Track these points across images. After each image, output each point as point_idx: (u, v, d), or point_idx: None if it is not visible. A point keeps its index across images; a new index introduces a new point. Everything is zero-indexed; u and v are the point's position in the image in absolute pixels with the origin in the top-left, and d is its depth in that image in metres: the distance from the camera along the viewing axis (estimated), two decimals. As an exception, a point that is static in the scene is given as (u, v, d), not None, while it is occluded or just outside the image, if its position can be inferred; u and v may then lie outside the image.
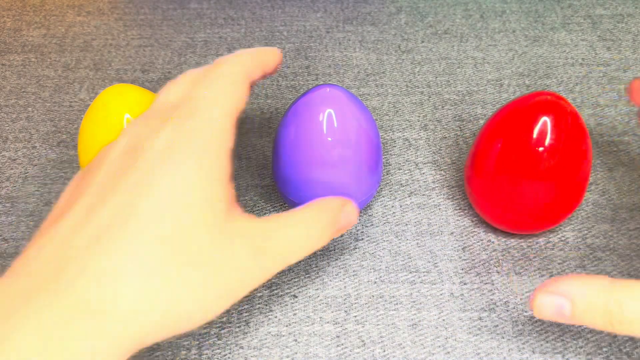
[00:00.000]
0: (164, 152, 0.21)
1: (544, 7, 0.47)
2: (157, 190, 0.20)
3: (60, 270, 0.19)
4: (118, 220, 0.20)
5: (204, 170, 0.21)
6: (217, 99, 0.23)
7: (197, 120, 0.22)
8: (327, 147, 0.28)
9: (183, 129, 0.22)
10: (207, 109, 0.22)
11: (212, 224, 0.21)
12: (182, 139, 0.21)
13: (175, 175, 0.20)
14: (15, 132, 0.39)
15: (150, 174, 0.20)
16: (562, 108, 0.28)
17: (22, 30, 0.46)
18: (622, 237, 0.32)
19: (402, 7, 0.48)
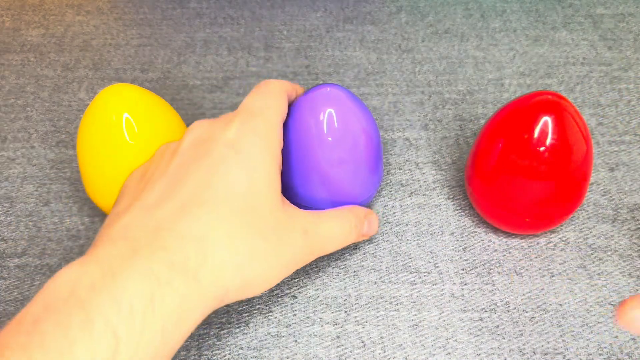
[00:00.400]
0: (234, 142, 0.24)
1: (545, 7, 0.47)
2: (229, 172, 0.23)
3: (154, 236, 0.21)
4: (198, 195, 0.23)
5: (266, 160, 0.24)
6: (271, 105, 0.27)
7: (258, 120, 0.25)
8: (328, 146, 0.28)
9: (248, 126, 0.25)
10: (265, 112, 0.26)
11: (274, 206, 0.24)
12: (248, 133, 0.25)
13: (244, 161, 0.24)
14: (14, 131, 0.39)
15: (223, 159, 0.24)
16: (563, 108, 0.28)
17: (21, 29, 0.46)
18: (623, 237, 0.32)
19: (402, 6, 0.48)
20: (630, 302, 0.22)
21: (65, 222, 0.34)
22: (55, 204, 0.35)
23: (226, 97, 0.41)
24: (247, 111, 0.26)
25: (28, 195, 0.35)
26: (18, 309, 0.30)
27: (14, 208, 0.34)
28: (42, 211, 0.34)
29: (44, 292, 0.20)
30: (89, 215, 0.34)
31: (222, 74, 0.42)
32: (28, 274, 0.31)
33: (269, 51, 0.44)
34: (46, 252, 0.32)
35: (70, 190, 0.35)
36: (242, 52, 0.44)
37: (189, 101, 0.40)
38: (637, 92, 0.40)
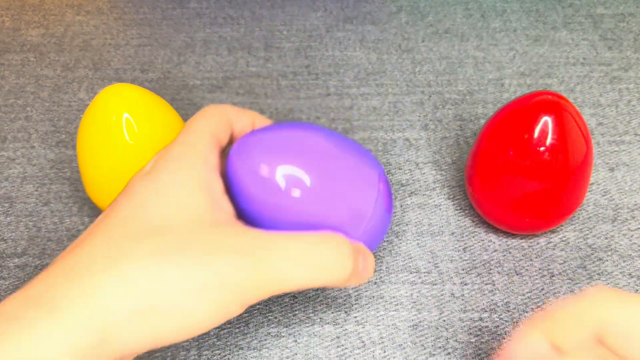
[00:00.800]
0: (149, 172, 0.23)
1: (545, 7, 0.47)
2: (145, 201, 0.22)
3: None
4: (110, 230, 0.21)
5: (185, 182, 0.22)
6: (195, 128, 0.25)
7: (176, 145, 0.24)
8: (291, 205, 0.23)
9: (164, 154, 0.24)
10: (186, 136, 0.24)
11: (199, 225, 0.21)
12: (161, 161, 0.23)
13: (159, 188, 0.22)
14: (14, 131, 0.39)
15: (138, 192, 0.22)
16: (563, 108, 0.28)
17: (21, 29, 0.46)
18: (624, 237, 0.32)
19: (402, 6, 0.48)
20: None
21: (65, 222, 0.34)
22: (55, 204, 0.35)
23: (226, 97, 0.41)
24: (172, 142, 0.25)
25: (28, 195, 0.35)
26: (18, 309, 0.30)
27: (14, 208, 0.34)
28: (42, 211, 0.34)
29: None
30: (89, 215, 0.34)
31: (222, 74, 0.42)
32: (28, 274, 0.31)
33: (269, 51, 0.44)
34: (46, 252, 0.32)
35: (70, 190, 0.35)
36: (242, 52, 0.44)
37: (189, 101, 0.40)
38: (637, 92, 0.40)
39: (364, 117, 0.39)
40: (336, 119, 0.39)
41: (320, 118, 0.39)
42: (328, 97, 0.40)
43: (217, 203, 0.22)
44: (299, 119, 0.39)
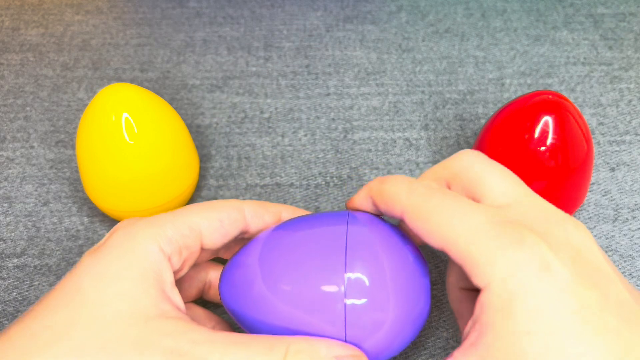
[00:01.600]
0: (96, 250, 0.22)
1: (546, 6, 0.47)
2: (81, 284, 0.21)
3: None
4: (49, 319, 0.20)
5: (124, 270, 0.21)
6: (171, 219, 0.24)
7: (138, 221, 0.23)
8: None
9: (122, 227, 0.23)
10: (160, 216, 0.23)
11: (129, 318, 0.20)
12: (114, 237, 0.22)
13: (97, 273, 0.21)
14: (14, 131, 0.39)
15: (79, 273, 0.21)
16: (564, 107, 0.28)
17: (21, 29, 0.46)
18: (624, 237, 0.32)
19: (402, 5, 0.48)
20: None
21: (65, 222, 0.34)
22: (55, 204, 0.34)
23: (226, 96, 0.41)
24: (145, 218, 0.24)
25: (27, 195, 0.35)
26: (17, 309, 0.30)
27: (13, 208, 0.34)
28: (41, 211, 0.34)
29: None
30: (88, 215, 0.34)
31: (222, 73, 0.42)
32: (27, 274, 0.31)
33: (268, 51, 0.44)
34: (45, 253, 0.32)
35: (69, 190, 0.35)
36: (241, 52, 0.44)
37: (189, 101, 0.40)
38: (637, 91, 0.40)
39: (364, 117, 0.39)
40: (336, 118, 0.39)
41: (320, 118, 0.39)
42: (328, 96, 0.40)
43: (164, 294, 0.21)
44: (299, 118, 0.39)
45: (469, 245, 0.19)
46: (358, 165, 0.36)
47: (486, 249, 0.19)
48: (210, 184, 0.35)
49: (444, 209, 0.20)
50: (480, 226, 0.19)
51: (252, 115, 0.39)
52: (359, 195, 0.25)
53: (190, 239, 0.23)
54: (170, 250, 0.23)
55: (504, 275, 0.18)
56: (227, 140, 0.38)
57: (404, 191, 0.22)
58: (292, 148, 0.37)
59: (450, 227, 0.20)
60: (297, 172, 0.36)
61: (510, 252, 0.18)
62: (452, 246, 0.20)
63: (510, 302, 0.18)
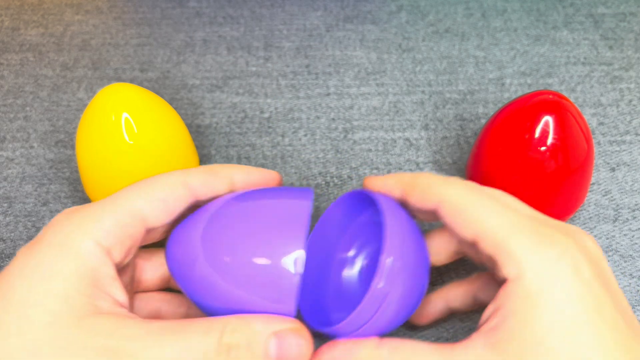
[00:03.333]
0: (32, 244, 0.22)
1: (546, 6, 0.47)
2: (13, 283, 0.20)
3: None
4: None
5: (56, 261, 0.21)
6: (116, 196, 0.23)
7: (76, 211, 0.22)
8: None
9: (58, 220, 0.22)
10: (99, 203, 0.23)
11: (57, 318, 0.19)
12: (50, 230, 0.22)
13: (28, 272, 0.20)
14: (13, 131, 0.38)
15: (12, 272, 0.21)
16: (564, 107, 0.28)
17: (20, 29, 0.46)
18: (625, 237, 0.32)
19: (402, 5, 0.48)
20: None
21: (64, 223, 0.33)
22: (55, 204, 0.34)
23: (226, 96, 0.41)
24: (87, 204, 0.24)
25: (27, 195, 0.35)
26: (17, 309, 0.30)
27: (12, 208, 0.34)
28: (41, 211, 0.34)
29: None
30: (88, 215, 0.34)
31: (222, 73, 0.42)
32: (27, 274, 0.31)
33: (268, 50, 0.44)
34: (45, 253, 0.32)
35: (69, 190, 0.35)
36: (241, 52, 0.44)
37: (189, 101, 0.40)
38: (638, 91, 0.40)
39: (364, 117, 0.39)
40: (336, 118, 0.39)
41: (320, 118, 0.39)
42: (328, 96, 0.40)
43: (100, 291, 0.21)
44: (299, 118, 0.39)
45: (506, 237, 0.21)
46: (358, 165, 0.36)
47: (521, 243, 0.21)
48: (210, 184, 0.35)
49: (482, 202, 0.22)
50: (516, 222, 0.21)
51: (252, 115, 0.39)
52: (385, 181, 0.25)
53: (131, 227, 0.22)
54: (109, 243, 0.22)
55: (538, 269, 0.20)
56: (227, 140, 0.38)
57: (441, 182, 0.23)
58: (292, 148, 0.37)
59: (488, 220, 0.21)
60: (297, 172, 0.36)
61: (544, 250, 0.20)
62: (488, 237, 0.21)
63: (540, 293, 0.20)
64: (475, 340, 0.20)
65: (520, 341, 0.19)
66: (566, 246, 0.20)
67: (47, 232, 0.22)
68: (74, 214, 0.22)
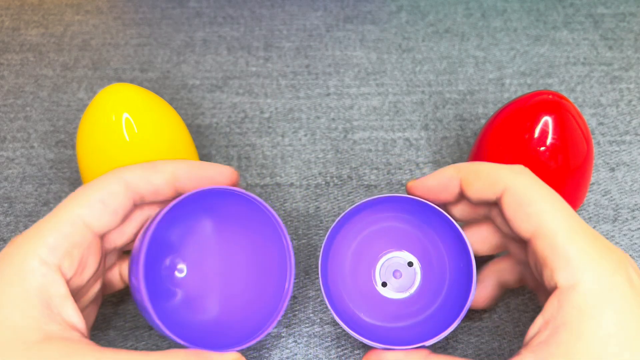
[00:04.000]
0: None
1: (546, 6, 0.47)
2: None
3: None
4: None
5: (2, 284, 0.20)
6: (59, 208, 0.22)
7: (24, 233, 0.21)
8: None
9: (11, 243, 0.21)
10: (45, 219, 0.22)
11: (13, 346, 0.19)
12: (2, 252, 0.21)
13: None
14: (14, 131, 0.39)
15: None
16: (564, 107, 0.28)
17: (21, 29, 0.46)
18: (624, 237, 0.32)
19: (402, 5, 0.48)
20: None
21: (65, 222, 0.34)
22: (55, 204, 0.34)
23: (226, 96, 0.41)
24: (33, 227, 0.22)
25: (27, 195, 0.35)
26: (17, 309, 0.30)
27: (13, 208, 0.34)
28: (41, 211, 0.34)
29: None
30: (89, 215, 0.34)
31: (222, 73, 0.42)
32: (27, 274, 0.31)
33: (268, 51, 0.44)
34: (45, 253, 0.32)
35: (69, 190, 0.35)
36: (241, 52, 0.44)
37: (189, 101, 0.40)
38: (638, 91, 0.40)
39: (364, 117, 0.39)
40: (336, 118, 0.39)
41: (320, 118, 0.39)
42: (328, 96, 0.40)
43: (49, 313, 0.20)
44: (299, 118, 0.39)
45: (567, 241, 0.20)
46: (358, 165, 0.36)
47: (581, 250, 0.20)
48: (210, 184, 0.35)
49: (549, 199, 0.21)
50: (578, 228, 0.20)
51: (252, 115, 0.39)
52: (440, 175, 0.24)
53: (76, 235, 0.22)
54: (57, 259, 0.21)
55: (595, 279, 0.19)
56: (227, 140, 0.38)
57: (507, 171, 0.22)
58: (292, 148, 0.37)
59: (552, 218, 0.20)
60: (297, 172, 0.36)
61: (603, 261, 0.19)
62: (548, 237, 0.20)
63: (597, 305, 0.19)
64: (525, 356, 0.19)
65: (574, 354, 0.18)
66: (621, 259, 0.20)
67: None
68: (20, 236, 0.22)
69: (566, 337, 0.19)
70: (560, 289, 0.19)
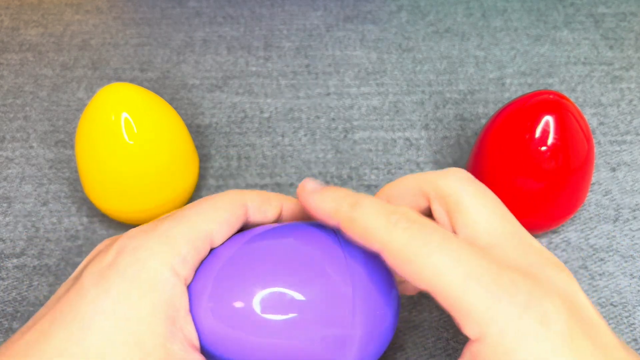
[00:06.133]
0: (100, 277, 0.20)
1: (546, 6, 0.47)
2: (92, 320, 0.19)
3: None
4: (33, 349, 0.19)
5: (130, 302, 0.19)
6: (183, 217, 0.22)
7: (146, 239, 0.21)
8: None
9: (129, 246, 0.21)
10: (163, 227, 0.21)
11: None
12: (121, 263, 0.20)
13: (100, 308, 0.19)
14: (13, 131, 0.38)
15: (73, 303, 0.20)
16: (565, 107, 0.28)
17: (20, 29, 0.46)
18: (625, 237, 0.32)
19: (403, 5, 0.48)
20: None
21: (64, 223, 0.33)
22: (54, 204, 0.34)
23: (226, 96, 0.40)
24: (151, 228, 0.21)
25: (27, 195, 0.35)
26: (16, 309, 0.30)
27: (12, 208, 0.34)
28: (40, 211, 0.34)
29: None
30: (88, 215, 0.34)
31: (222, 73, 0.42)
32: (26, 274, 0.31)
33: (268, 50, 0.44)
34: (44, 253, 0.32)
35: (69, 190, 0.35)
36: (241, 52, 0.44)
37: (188, 101, 0.40)
38: (638, 91, 0.40)
39: (364, 117, 0.39)
40: (336, 118, 0.39)
41: (320, 118, 0.39)
42: (328, 96, 0.40)
43: (174, 329, 0.20)
44: (299, 118, 0.39)
45: (461, 293, 0.18)
46: (358, 165, 0.36)
47: (480, 299, 0.18)
48: (210, 183, 0.35)
49: (432, 249, 0.18)
50: (472, 272, 0.18)
51: (252, 115, 0.39)
52: (324, 202, 0.22)
53: (203, 249, 0.22)
54: (186, 272, 0.21)
55: (501, 328, 0.17)
56: (227, 140, 0.38)
57: (382, 224, 0.19)
58: (292, 148, 0.37)
59: (440, 272, 0.18)
60: (297, 172, 0.36)
61: (506, 303, 0.18)
62: (442, 292, 0.18)
63: (506, 356, 0.17)
64: None
65: None
66: (533, 296, 0.18)
67: (119, 258, 0.20)
68: (147, 236, 0.21)
69: None
70: (471, 341, 0.18)
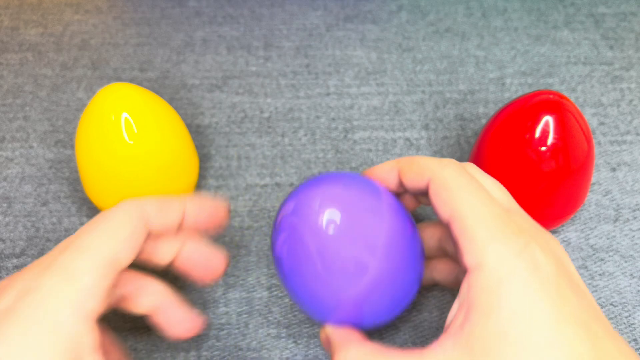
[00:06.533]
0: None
1: (546, 6, 0.47)
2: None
3: None
4: None
5: (29, 339, 0.19)
6: (82, 243, 0.21)
7: (46, 275, 0.20)
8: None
9: (28, 288, 0.20)
10: (64, 257, 0.21)
11: None
12: (19, 301, 0.19)
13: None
14: (13, 131, 0.38)
15: None
16: (565, 107, 0.28)
17: (20, 28, 0.46)
18: (625, 237, 0.32)
19: (403, 5, 0.48)
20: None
21: (64, 223, 0.33)
22: (54, 204, 0.34)
23: (225, 96, 0.40)
24: (50, 264, 0.21)
25: (26, 195, 0.35)
26: (16, 310, 0.30)
27: (12, 208, 0.34)
28: (40, 211, 0.34)
29: None
30: (88, 215, 0.34)
31: (222, 73, 0.42)
32: (26, 274, 0.31)
33: (268, 50, 0.44)
34: (45, 253, 0.32)
35: (68, 190, 0.35)
36: (241, 51, 0.44)
37: (188, 100, 0.40)
38: (638, 91, 0.40)
39: (364, 117, 0.39)
40: (336, 118, 0.39)
41: (320, 117, 0.39)
42: (328, 96, 0.40)
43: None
44: (299, 118, 0.39)
45: (474, 223, 0.21)
46: (358, 165, 0.36)
47: (487, 233, 0.20)
48: (210, 183, 0.35)
49: (466, 186, 0.22)
50: (489, 213, 0.21)
51: (252, 115, 0.39)
52: (383, 166, 0.26)
53: (111, 276, 0.21)
54: (95, 302, 0.20)
55: (498, 259, 0.20)
56: (227, 140, 0.38)
57: (436, 163, 0.24)
58: (292, 148, 0.37)
59: (465, 204, 0.21)
60: (297, 172, 0.36)
61: (508, 242, 0.20)
62: (460, 219, 0.21)
63: (499, 284, 0.19)
64: (444, 342, 0.20)
65: (485, 334, 0.19)
66: (528, 243, 0.20)
67: (19, 302, 0.19)
68: (46, 274, 0.20)
69: (476, 318, 0.19)
70: (469, 271, 0.20)
